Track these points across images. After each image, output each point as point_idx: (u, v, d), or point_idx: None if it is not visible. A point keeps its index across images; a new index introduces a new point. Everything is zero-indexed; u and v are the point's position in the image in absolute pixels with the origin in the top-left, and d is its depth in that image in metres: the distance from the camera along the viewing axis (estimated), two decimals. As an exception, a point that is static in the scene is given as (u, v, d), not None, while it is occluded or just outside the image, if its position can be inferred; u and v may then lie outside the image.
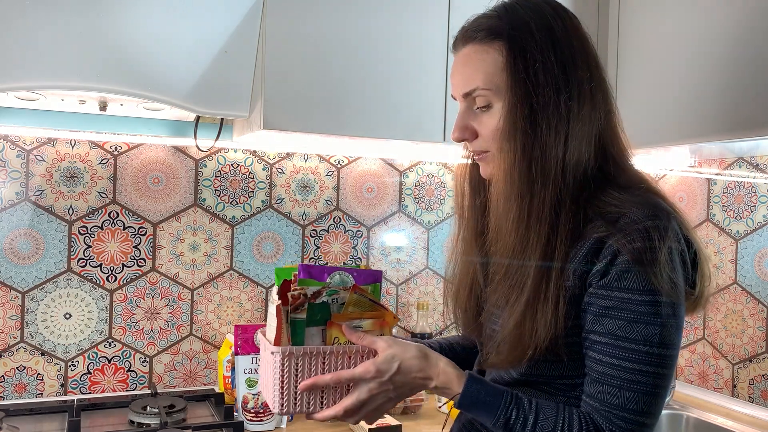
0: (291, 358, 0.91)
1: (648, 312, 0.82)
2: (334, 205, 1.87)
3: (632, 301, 0.83)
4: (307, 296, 0.93)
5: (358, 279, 1.04)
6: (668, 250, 0.82)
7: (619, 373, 0.83)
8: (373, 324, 0.96)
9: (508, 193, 0.89)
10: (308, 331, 0.93)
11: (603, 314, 0.85)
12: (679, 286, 0.84)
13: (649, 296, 0.82)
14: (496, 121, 0.91)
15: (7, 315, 1.57)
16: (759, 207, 1.70)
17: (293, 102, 1.43)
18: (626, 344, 0.83)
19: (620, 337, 0.83)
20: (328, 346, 0.93)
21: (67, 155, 1.61)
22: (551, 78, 0.88)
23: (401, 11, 1.52)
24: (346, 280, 1.03)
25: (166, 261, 1.70)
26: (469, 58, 0.94)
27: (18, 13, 1.25)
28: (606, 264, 0.84)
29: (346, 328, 0.94)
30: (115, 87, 1.34)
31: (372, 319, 0.96)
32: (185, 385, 1.73)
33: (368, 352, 0.93)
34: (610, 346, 0.84)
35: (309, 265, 1.00)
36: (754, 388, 1.70)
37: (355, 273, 1.03)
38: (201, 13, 1.39)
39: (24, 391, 1.58)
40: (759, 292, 1.69)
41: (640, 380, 0.82)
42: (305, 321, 0.93)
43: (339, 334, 0.94)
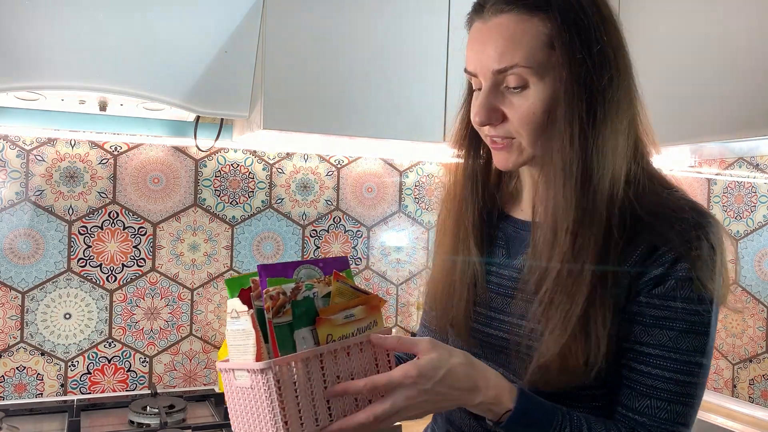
0: (287, 371, 0.74)
1: (700, 322, 0.78)
2: (334, 205, 1.87)
3: (687, 311, 0.78)
4: (287, 294, 0.78)
5: (326, 270, 0.90)
6: (721, 258, 0.79)
7: (670, 386, 0.78)
8: (364, 311, 0.84)
9: (563, 188, 0.79)
10: (297, 334, 0.78)
11: (655, 325, 0.79)
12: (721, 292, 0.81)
13: (704, 306, 0.78)
14: (531, 104, 0.80)
15: (7, 315, 1.57)
16: (759, 207, 1.70)
17: (293, 102, 1.43)
18: (678, 356, 0.78)
19: (672, 348, 0.78)
20: (323, 346, 0.78)
21: (67, 155, 1.61)
22: (606, 60, 0.80)
23: (401, 11, 1.52)
24: (314, 273, 0.89)
25: (166, 261, 1.70)
26: (506, 30, 0.79)
27: (18, 14, 1.25)
28: (663, 272, 0.78)
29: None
30: (115, 87, 1.34)
31: (361, 306, 0.84)
32: (185, 385, 1.73)
33: (367, 343, 0.81)
34: (662, 359, 0.78)
35: (267, 265, 0.83)
36: (754, 388, 1.70)
37: (321, 263, 0.89)
38: (201, 13, 1.39)
39: (24, 391, 1.58)
40: (759, 292, 1.69)
41: (689, 393, 0.78)
42: (293, 323, 0.78)
43: (331, 330, 0.80)
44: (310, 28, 1.44)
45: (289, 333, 0.76)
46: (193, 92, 1.41)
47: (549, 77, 0.79)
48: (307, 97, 1.44)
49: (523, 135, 0.82)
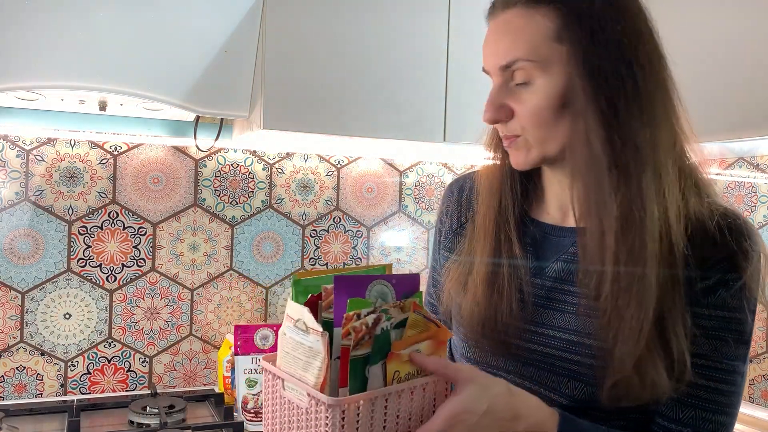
0: (352, 412, 0.70)
1: (745, 331, 0.77)
2: (334, 205, 1.87)
3: (734, 320, 0.76)
4: (369, 326, 0.71)
5: (398, 287, 0.82)
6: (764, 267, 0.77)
7: (716, 396, 0.76)
8: (430, 345, 0.78)
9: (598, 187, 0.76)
10: (371, 370, 0.72)
11: (704, 334, 0.76)
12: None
13: (751, 316, 0.77)
14: (537, 99, 0.77)
15: (7, 315, 1.57)
16: (759, 207, 1.70)
17: (293, 102, 1.43)
18: (723, 365, 0.76)
19: (718, 358, 0.76)
20: (392, 387, 0.73)
21: (66, 155, 1.61)
22: (622, 49, 0.76)
23: (401, 11, 1.52)
24: (386, 291, 0.81)
25: (166, 261, 1.70)
26: (510, 25, 0.79)
27: (18, 13, 1.25)
28: (715, 281, 0.76)
29: (417, 358, 0.75)
30: (115, 87, 1.34)
31: (429, 341, 0.78)
32: (185, 385, 1.73)
33: (429, 384, 0.77)
34: (709, 369, 0.76)
35: (344, 277, 0.75)
36: (754, 388, 1.70)
37: (393, 280, 0.81)
38: (201, 13, 1.38)
39: (24, 391, 1.58)
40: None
41: (732, 402, 0.77)
42: (369, 358, 0.71)
43: (399, 367, 0.74)
44: (310, 28, 1.44)
45: (362, 366, 0.72)
46: (193, 92, 1.41)
47: (555, 71, 0.76)
48: (307, 97, 1.44)
49: (528, 131, 0.79)
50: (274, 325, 1.55)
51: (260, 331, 1.53)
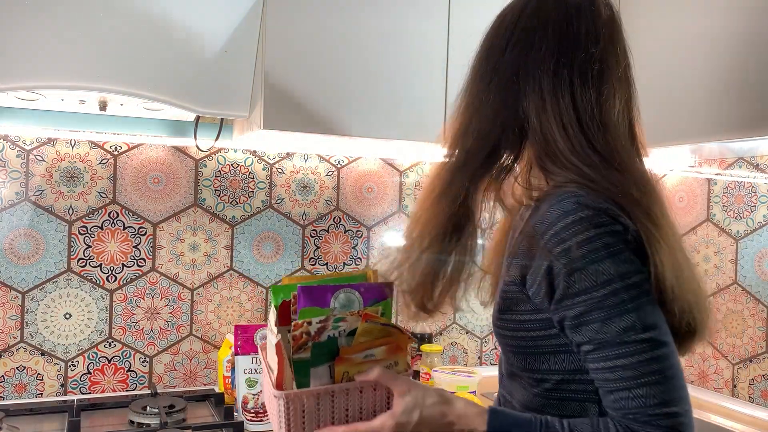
0: (296, 403, 0.83)
1: (615, 303, 0.78)
2: (334, 205, 1.87)
3: (594, 299, 0.79)
4: (311, 335, 0.83)
5: (366, 295, 0.90)
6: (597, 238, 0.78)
7: (620, 373, 0.78)
8: (386, 351, 0.87)
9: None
10: (314, 371, 0.85)
11: (577, 324, 0.80)
12: (634, 263, 0.79)
13: (606, 287, 0.78)
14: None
15: (7, 315, 1.57)
16: (759, 207, 1.70)
17: (293, 102, 1.43)
18: (611, 342, 0.78)
19: (602, 339, 0.79)
20: (336, 385, 0.85)
21: (67, 155, 1.61)
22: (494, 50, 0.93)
23: (401, 11, 1.52)
24: (353, 298, 0.90)
25: (166, 261, 1.70)
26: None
27: (18, 13, 1.25)
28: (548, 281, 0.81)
29: (359, 374, 0.87)
30: (115, 87, 1.34)
31: (385, 346, 0.87)
32: (185, 385, 1.73)
33: (381, 385, 0.87)
34: (598, 351, 0.80)
35: (310, 287, 0.86)
36: (754, 388, 1.70)
37: (362, 288, 0.90)
38: (201, 13, 1.39)
39: (24, 391, 1.58)
40: (759, 292, 1.69)
41: (645, 371, 0.77)
42: (309, 362, 0.84)
43: (348, 368, 0.86)
44: (310, 28, 1.44)
45: (307, 368, 0.84)
46: (193, 92, 1.41)
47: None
48: (307, 97, 1.44)
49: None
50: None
51: (260, 331, 1.53)
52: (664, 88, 1.58)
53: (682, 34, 1.54)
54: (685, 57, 1.53)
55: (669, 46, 1.58)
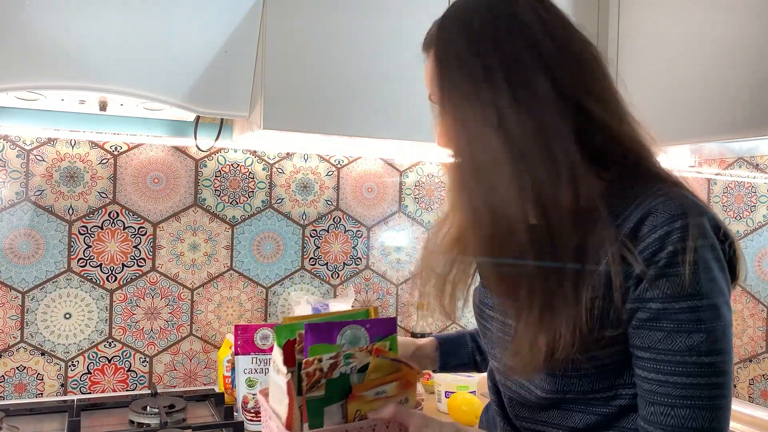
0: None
1: (689, 319, 0.74)
2: (334, 205, 1.87)
3: (670, 309, 0.75)
4: (324, 371, 0.80)
5: (371, 331, 0.88)
6: (696, 249, 0.74)
7: (669, 389, 0.75)
8: (397, 387, 0.86)
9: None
10: (327, 410, 0.81)
11: (641, 326, 0.77)
12: (719, 284, 0.75)
13: (687, 302, 0.74)
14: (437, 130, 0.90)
15: (7, 315, 1.57)
16: (759, 207, 1.70)
17: (293, 102, 1.43)
18: (671, 357, 0.75)
19: (663, 350, 0.75)
20: (350, 424, 0.81)
21: (67, 155, 1.61)
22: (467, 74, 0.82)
23: (401, 11, 1.52)
24: (359, 334, 0.88)
25: (166, 261, 1.70)
26: (425, 67, 0.95)
27: (18, 13, 1.25)
28: (637, 273, 0.76)
29: (372, 412, 0.84)
30: (115, 87, 1.34)
31: (396, 382, 0.85)
32: (185, 385, 1.73)
33: (393, 422, 0.85)
34: (654, 361, 0.76)
35: (316, 324, 0.85)
36: (754, 388, 1.70)
37: (368, 324, 0.88)
38: (201, 13, 1.39)
39: (24, 391, 1.58)
40: (759, 292, 1.69)
41: (694, 394, 0.74)
42: (324, 400, 0.81)
43: (361, 406, 0.83)
44: (310, 28, 1.44)
45: (321, 406, 0.81)
46: (193, 92, 1.41)
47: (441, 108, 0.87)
48: (307, 97, 1.44)
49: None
50: (274, 324, 1.55)
51: (260, 331, 1.53)
52: (665, 88, 1.58)
53: (682, 33, 1.54)
54: (686, 57, 1.53)
55: (669, 46, 1.58)
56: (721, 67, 1.43)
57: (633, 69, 1.69)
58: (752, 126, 1.36)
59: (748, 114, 1.37)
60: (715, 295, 0.75)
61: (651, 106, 1.63)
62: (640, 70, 1.67)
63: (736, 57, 1.40)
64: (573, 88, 0.80)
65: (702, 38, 1.48)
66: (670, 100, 1.56)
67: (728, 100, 1.41)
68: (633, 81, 1.69)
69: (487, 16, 0.83)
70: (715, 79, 1.45)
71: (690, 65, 1.51)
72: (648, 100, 1.64)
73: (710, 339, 0.74)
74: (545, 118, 0.78)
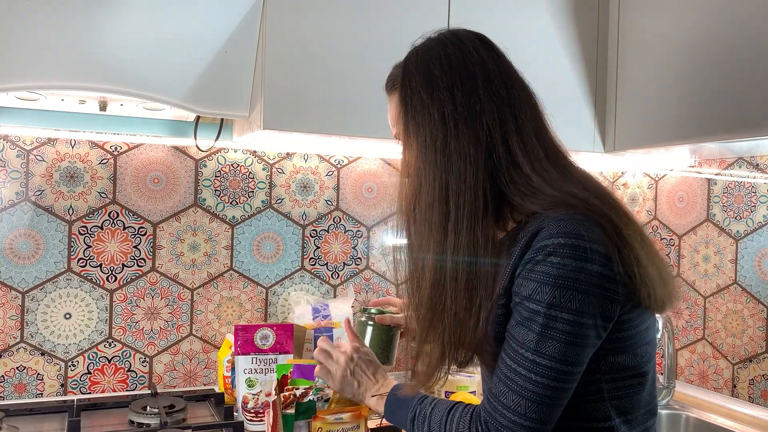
0: None
1: (531, 318, 0.85)
2: (334, 205, 1.87)
3: (521, 305, 0.86)
4: (296, 396, 1.20)
5: None
6: (556, 265, 0.83)
7: (502, 366, 0.88)
8: (351, 416, 1.18)
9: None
10: (296, 423, 1.18)
11: (516, 323, 0.88)
12: (570, 302, 0.83)
13: (535, 304, 0.84)
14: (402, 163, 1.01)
15: (7, 315, 1.57)
16: (759, 207, 1.70)
17: (293, 102, 1.43)
18: (512, 342, 0.87)
19: (510, 335, 0.87)
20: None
21: (67, 155, 1.61)
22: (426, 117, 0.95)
23: (401, 11, 1.52)
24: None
25: (166, 261, 1.70)
26: (389, 106, 1.08)
27: (18, 13, 1.25)
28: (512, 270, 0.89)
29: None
30: (115, 87, 1.34)
31: (351, 412, 1.17)
32: (185, 385, 1.73)
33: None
34: (508, 347, 0.88)
35: (302, 365, 1.31)
36: (754, 388, 1.70)
37: None
38: (201, 13, 1.39)
39: (24, 391, 1.58)
40: (759, 292, 1.69)
41: (524, 386, 0.85)
42: (293, 416, 1.18)
43: (322, 425, 1.16)
44: (310, 28, 1.44)
45: (292, 421, 1.19)
46: (193, 92, 1.41)
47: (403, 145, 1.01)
48: (307, 97, 1.44)
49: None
50: (274, 325, 1.55)
51: (260, 331, 1.53)
52: (665, 88, 1.58)
53: (682, 33, 1.54)
54: (685, 57, 1.53)
55: (669, 46, 1.58)
56: (721, 67, 1.43)
57: (633, 69, 1.69)
58: (752, 126, 1.36)
59: (748, 114, 1.37)
60: (585, 315, 0.83)
61: (651, 106, 1.63)
62: (640, 70, 1.67)
63: (737, 57, 1.40)
64: (507, 127, 0.93)
65: (702, 38, 1.48)
66: (670, 100, 1.56)
67: (728, 100, 1.41)
68: (633, 81, 1.69)
69: (445, 64, 0.96)
70: (715, 79, 1.44)
71: (690, 65, 1.51)
72: (648, 100, 1.64)
73: (566, 349, 0.83)
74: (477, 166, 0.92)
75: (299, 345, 1.62)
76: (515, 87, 0.96)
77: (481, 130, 0.92)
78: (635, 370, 0.92)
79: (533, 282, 0.85)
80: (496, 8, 1.63)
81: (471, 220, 0.90)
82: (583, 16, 1.74)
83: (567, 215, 0.86)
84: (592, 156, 1.78)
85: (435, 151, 0.93)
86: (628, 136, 1.69)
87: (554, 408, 0.85)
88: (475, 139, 0.92)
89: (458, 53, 0.96)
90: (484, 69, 0.95)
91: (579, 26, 1.73)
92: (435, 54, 0.97)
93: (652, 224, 2.01)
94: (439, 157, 0.92)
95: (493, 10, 1.62)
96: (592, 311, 0.84)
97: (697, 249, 1.86)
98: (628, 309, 0.88)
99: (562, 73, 1.71)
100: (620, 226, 0.87)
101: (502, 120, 0.93)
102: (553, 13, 1.70)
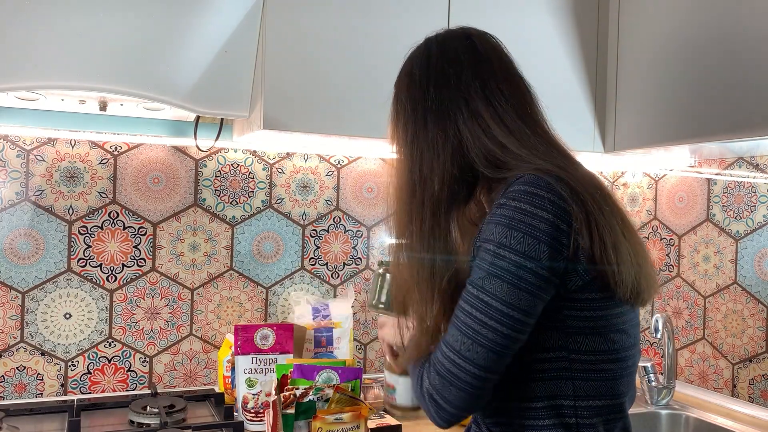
0: None
1: (482, 258, 0.87)
2: (334, 205, 1.87)
3: (480, 248, 0.89)
4: (296, 396, 1.19)
5: (342, 375, 1.29)
6: (512, 207, 0.86)
7: (467, 320, 0.88)
8: (351, 416, 1.17)
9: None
10: (296, 423, 1.18)
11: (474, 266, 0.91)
12: (519, 244, 0.85)
13: (489, 244, 0.87)
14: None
15: (7, 315, 1.57)
16: (759, 207, 1.70)
17: (293, 102, 1.43)
18: (467, 284, 0.89)
19: (478, 285, 0.88)
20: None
21: (67, 155, 1.61)
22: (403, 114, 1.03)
23: (401, 11, 1.52)
24: (332, 377, 1.29)
25: (166, 261, 1.70)
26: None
27: (18, 13, 1.25)
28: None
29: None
30: (115, 87, 1.34)
31: (351, 413, 1.17)
32: (185, 385, 1.73)
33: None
34: (470, 295, 0.89)
35: (302, 365, 1.29)
36: (754, 388, 1.70)
37: (340, 371, 1.29)
38: (201, 13, 1.39)
39: (24, 391, 1.58)
40: (759, 292, 1.69)
41: (479, 331, 0.86)
42: (293, 416, 1.18)
43: (322, 425, 1.15)
44: (310, 28, 1.44)
45: (291, 421, 1.18)
46: (193, 92, 1.41)
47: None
48: (307, 97, 1.44)
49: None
50: (274, 324, 1.55)
51: (260, 331, 1.53)
52: (665, 88, 1.58)
53: (681, 33, 1.54)
54: (685, 56, 1.53)
55: (669, 46, 1.58)
56: (721, 67, 1.43)
57: (633, 69, 1.69)
58: (752, 126, 1.36)
59: (748, 114, 1.37)
60: (533, 260, 0.85)
61: (651, 106, 1.63)
62: (640, 70, 1.67)
63: (737, 57, 1.40)
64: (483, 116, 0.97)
65: (702, 38, 1.48)
66: (670, 100, 1.56)
67: (728, 100, 1.41)
68: (633, 81, 1.69)
69: (424, 64, 1.01)
70: (715, 79, 1.45)
71: (690, 65, 1.51)
72: (648, 100, 1.64)
73: (514, 293, 0.85)
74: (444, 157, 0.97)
75: (299, 345, 1.62)
76: (493, 78, 0.98)
77: (449, 120, 0.96)
78: (606, 355, 0.91)
79: (491, 224, 0.88)
80: (496, 8, 1.63)
81: (438, 207, 0.95)
82: (583, 16, 1.74)
83: (541, 171, 0.89)
84: (591, 156, 1.78)
85: (408, 144, 1.00)
86: (628, 136, 1.69)
87: (497, 355, 0.86)
88: (442, 131, 0.96)
89: (438, 52, 1.01)
90: (458, 64, 0.99)
91: (579, 26, 1.73)
92: (418, 54, 1.04)
93: (652, 224, 2.01)
94: (414, 150, 0.99)
95: (493, 10, 1.62)
96: (538, 256, 0.85)
97: (697, 249, 1.86)
98: (596, 287, 0.89)
99: (561, 72, 1.72)
100: (600, 202, 0.89)
101: (473, 111, 0.96)
102: (553, 13, 1.70)
